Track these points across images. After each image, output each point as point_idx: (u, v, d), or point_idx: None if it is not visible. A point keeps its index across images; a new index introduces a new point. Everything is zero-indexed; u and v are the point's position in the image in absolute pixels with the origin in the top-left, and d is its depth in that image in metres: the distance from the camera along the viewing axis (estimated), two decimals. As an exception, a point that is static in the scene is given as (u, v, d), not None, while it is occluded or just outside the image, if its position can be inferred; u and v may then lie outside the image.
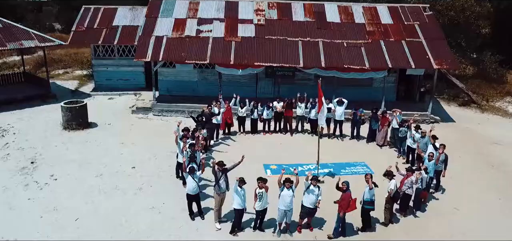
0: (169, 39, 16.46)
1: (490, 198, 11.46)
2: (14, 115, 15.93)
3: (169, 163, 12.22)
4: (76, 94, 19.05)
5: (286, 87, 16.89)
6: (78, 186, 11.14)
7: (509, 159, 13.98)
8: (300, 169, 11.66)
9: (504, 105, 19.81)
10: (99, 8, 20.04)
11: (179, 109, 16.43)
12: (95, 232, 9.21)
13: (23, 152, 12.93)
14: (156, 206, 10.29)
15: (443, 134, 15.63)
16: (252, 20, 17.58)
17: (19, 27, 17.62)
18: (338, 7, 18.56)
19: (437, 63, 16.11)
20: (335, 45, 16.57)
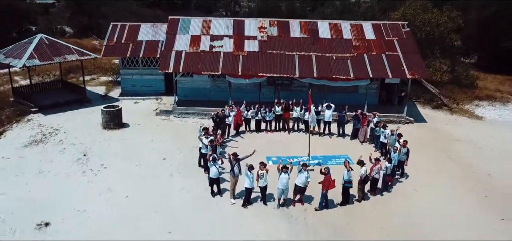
0: (187, 53, 19.73)
1: (444, 182, 14.69)
2: (60, 117, 19.23)
3: (192, 155, 15.46)
4: (106, 98, 22.36)
5: (284, 93, 20.13)
6: (123, 173, 14.42)
7: (465, 153, 17.22)
8: (295, 160, 14.89)
9: (472, 108, 23.04)
10: (125, 25, 23.31)
11: (195, 112, 19.71)
12: (141, 206, 12.48)
13: (75, 147, 16.23)
14: (185, 187, 13.57)
15: (415, 133, 19.01)
16: (256, 37, 20.85)
17: (62, 44, 20.94)
18: (329, 24, 21.82)
19: (410, 73, 19.35)
20: (326, 58, 19.82)
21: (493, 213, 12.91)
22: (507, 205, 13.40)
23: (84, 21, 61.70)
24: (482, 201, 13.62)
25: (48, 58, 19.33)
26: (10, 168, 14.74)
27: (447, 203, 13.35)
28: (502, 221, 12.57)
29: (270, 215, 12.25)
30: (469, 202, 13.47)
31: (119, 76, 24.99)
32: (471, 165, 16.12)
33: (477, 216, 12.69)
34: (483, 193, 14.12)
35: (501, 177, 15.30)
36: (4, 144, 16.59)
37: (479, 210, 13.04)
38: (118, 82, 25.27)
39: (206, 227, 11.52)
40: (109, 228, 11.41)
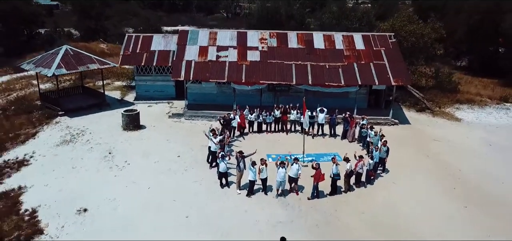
0: (196, 63, 22.17)
1: (419, 177, 17.11)
2: (84, 120, 21.67)
3: (202, 153, 17.87)
4: (123, 103, 24.80)
5: (283, 98, 22.53)
6: (144, 168, 16.86)
7: (441, 152, 19.63)
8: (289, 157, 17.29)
9: (452, 111, 25.45)
10: (139, 36, 25.75)
11: (204, 115, 22.14)
12: (161, 196, 14.91)
13: (101, 146, 18.67)
14: (197, 180, 16.01)
15: (398, 133, 21.46)
16: (258, 47, 23.28)
17: (84, 54, 23.38)
18: (323, 35, 24.24)
19: (394, 80, 21.78)
20: (320, 67, 22.25)
21: (458, 201, 15.35)
22: (471, 196, 15.83)
23: (90, 24, 63.66)
24: (451, 192, 16.04)
25: (73, 67, 21.77)
26: (47, 164, 17.21)
27: (420, 194, 15.77)
28: (465, 208, 15.00)
29: (270, 203, 14.69)
30: (439, 193, 15.90)
31: (132, 81, 27.40)
32: (445, 162, 18.55)
33: (444, 204, 15.11)
34: (452, 186, 16.54)
35: (469, 172, 17.73)
36: (39, 144, 19.04)
37: (446, 200, 15.47)
38: (132, 86, 27.69)
39: (216, 213, 13.95)
40: (136, 214, 13.86)
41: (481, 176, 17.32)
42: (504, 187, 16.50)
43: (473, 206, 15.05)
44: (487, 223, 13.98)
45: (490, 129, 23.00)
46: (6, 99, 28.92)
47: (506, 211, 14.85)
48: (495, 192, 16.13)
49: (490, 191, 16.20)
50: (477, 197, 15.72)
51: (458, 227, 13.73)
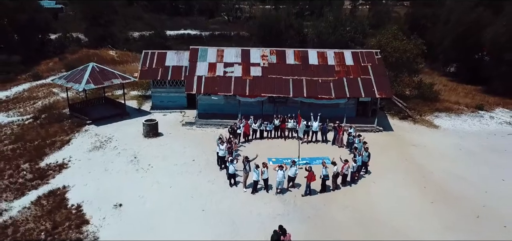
0: (206, 78, 25.44)
1: (396, 177, 20.33)
2: (110, 128, 24.95)
3: (213, 157, 21.05)
4: (140, 112, 28.06)
5: (281, 108, 25.76)
6: (165, 170, 20.12)
7: (417, 156, 22.85)
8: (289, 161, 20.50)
9: (432, 119, 28.70)
10: (154, 52, 28.97)
11: (213, 123, 25.39)
12: (181, 193, 18.16)
13: (127, 151, 21.94)
14: (210, 180, 19.26)
15: (381, 139, 24.71)
16: (260, 64, 26.54)
17: (109, 70, 26.65)
18: (317, 52, 27.49)
19: (379, 93, 25.04)
20: (313, 81, 25.50)
21: (427, 198, 18.60)
22: (439, 193, 19.06)
23: (99, 31, 66.55)
24: (421, 191, 19.27)
25: (99, 82, 25.03)
26: (83, 167, 20.50)
27: (395, 191, 19.01)
28: (431, 203, 18.25)
29: (271, 199, 17.95)
30: (411, 191, 19.13)
31: (147, 91, 30.65)
32: (420, 165, 21.80)
33: (415, 201, 18.35)
34: (423, 185, 19.79)
35: (440, 173, 20.97)
36: (73, 149, 22.33)
37: (417, 197, 18.71)
38: (147, 96, 30.94)
39: (227, 207, 17.22)
40: (161, 208, 17.13)
41: (448, 177, 20.56)
42: (466, 185, 19.75)
43: (438, 202, 18.30)
44: (448, 215, 17.24)
45: (463, 135, 26.26)
46: (33, 107, 32.30)
47: (465, 205, 18.08)
48: (458, 190, 19.37)
49: (454, 189, 19.45)
50: (443, 194, 18.96)
51: (424, 219, 16.97)
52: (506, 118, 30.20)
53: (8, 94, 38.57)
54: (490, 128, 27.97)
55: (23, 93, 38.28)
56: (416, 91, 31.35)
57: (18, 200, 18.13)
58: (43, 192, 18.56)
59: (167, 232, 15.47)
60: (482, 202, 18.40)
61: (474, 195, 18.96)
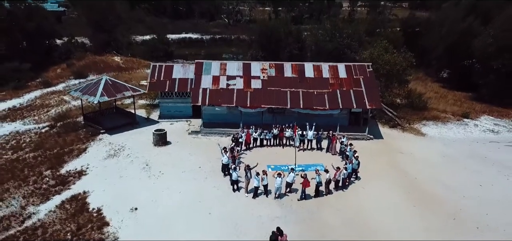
0: (210, 90, 27.58)
1: (383, 183, 22.46)
2: (122, 137, 27.09)
3: (218, 165, 23.19)
4: (149, 121, 30.20)
5: (280, 118, 27.85)
6: (174, 176, 22.26)
7: (403, 162, 24.99)
8: (288, 168, 22.54)
9: (419, 127, 30.85)
10: (162, 66, 31.07)
11: (216, 132, 27.52)
12: (189, 198, 20.30)
13: (139, 159, 24.09)
14: (215, 186, 21.41)
15: (371, 147, 26.84)
16: (260, 77, 28.68)
17: (121, 83, 28.78)
18: (313, 66, 29.61)
19: (369, 104, 27.20)
20: (309, 93, 27.65)
21: (410, 202, 20.75)
22: (421, 198, 21.19)
23: (104, 37, 68.44)
24: (406, 195, 21.39)
25: (112, 95, 27.19)
26: (100, 174, 22.66)
27: (382, 196, 21.15)
28: (414, 207, 20.41)
29: (269, 203, 20.11)
30: (396, 195, 21.28)
31: (154, 101, 32.81)
32: (405, 171, 23.95)
33: (399, 204, 20.50)
34: (408, 190, 21.93)
35: (423, 179, 23.12)
36: (90, 157, 24.49)
37: (401, 200, 20.85)
38: (154, 105, 33.07)
39: (231, 210, 19.37)
40: (173, 211, 19.28)
41: (431, 182, 22.71)
42: (446, 190, 21.91)
43: (420, 206, 20.44)
44: (427, 217, 19.39)
45: (447, 143, 28.42)
46: (47, 115, 34.44)
47: (444, 209, 20.24)
48: (439, 194, 21.53)
49: (435, 193, 21.61)
50: (424, 198, 21.11)
51: (406, 221, 19.13)
52: (489, 125, 32.37)
53: (21, 101, 40.67)
54: (473, 136, 30.14)
55: (35, 101, 40.38)
56: (406, 100, 33.48)
57: (44, 204, 20.28)
58: (66, 197, 20.72)
59: (179, 233, 17.63)
60: (460, 206, 20.57)
61: (453, 199, 21.12)
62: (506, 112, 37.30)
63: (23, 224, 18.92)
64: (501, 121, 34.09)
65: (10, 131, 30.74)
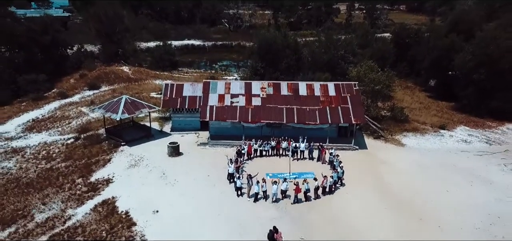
0: (216, 108, 31.71)
1: (364, 189, 26.53)
2: (140, 148, 31.20)
3: (224, 173, 27.30)
4: (163, 133, 34.31)
5: (277, 131, 31.96)
6: (188, 184, 26.37)
7: (383, 171, 29.06)
8: (282, 177, 26.60)
9: (400, 138, 34.94)
10: (173, 85, 35.18)
11: (222, 143, 31.62)
12: (201, 202, 24.42)
13: (156, 168, 28.21)
14: (223, 192, 25.53)
15: (356, 157, 30.94)
16: (259, 95, 32.78)
17: (138, 101, 32.90)
18: (306, 84, 33.71)
19: (354, 120, 31.32)
20: (303, 110, 31.76)
21: (383, 204, 24.85)
22: (394, 202, 25.28)
23: (113, 48, 72.33)
24: (381, 199, 25.49)
25: (131, 112, 31.32)
26: (124, 181, 26.78)
27: (362, 200, 25.24)
28: (385, 209, 24.50)
29: (268, 206, 24.21)
30: (373, 200, 25.37)
31: (166, 113, 36.95)
32: (383, 178, 28.05)
33: (375, 207, 24.59)
34: (383, 195, 26.03)
35: (398, 185, 27.21)
36: (114, 167, 28.61)
37: (377, 204, 24.94)
38: (166, 118, 37.18)
39: (235, 212, 23.47)
40: (188, 213, 23.38)
41: (404, 188, 26.81)
42: (416, 195, 25.99)
43: (392, 208, 24.54)
44: (397, 218, 23.48)
45: (423, 153, 32.52)
46: (69, 127, 38.57)
47: (413, 211, 24.32)
48: (410, 198, 25.62)
49: (406, 197, 25.70)
50: (396, 202, 25.21)
51: (380, 220, 23.21)
52: (463, 136, 36.48)
53: (42, 112, 44.79)
54: (448, 146, 34.25)
55: (55, 112, 44.48)
56: (390, 113, 37.60)
57: (80, 208, 24.41)
58: (97, 201, 24.85)
59: (194, 231, 21.76)
60: (427, 208, 24.69)
61: (422, 203, 25.24)
62: (481, 122, 41.46)
63: (65, 224, 23.04)
64: (475, 132, 38.21)
65: (38, 142, 34.90)
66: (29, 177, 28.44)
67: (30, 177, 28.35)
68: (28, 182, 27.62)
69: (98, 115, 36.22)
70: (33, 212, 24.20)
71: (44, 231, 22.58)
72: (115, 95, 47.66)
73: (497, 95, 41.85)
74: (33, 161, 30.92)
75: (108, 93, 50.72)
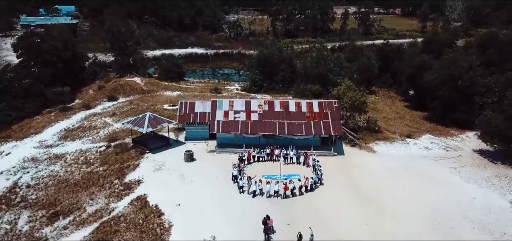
0: (222, 122, 39.36)
1: (338, 188, 34.16)
2: (161, 156, 38.81)
3: (229, 175, 34.84)
4: (178, 142, 41.93)
5: (271, 141, 39.58)
6: (201, 184, 33.99)
7: (354, 173, 36.65)
8: (274, 179, 34.15)
9: (373, 146, 42.57)
10: (187, 102, 42.77)
11: (228, 151, 39.22)
12: (214, 197, 32.05)
13: (176, 171, 35.84)
14: (228, 190, 33.17)
15: (334, 161, 38.60)
16: (257, 111, 40.41)
17: (159, 117, 40.49)
18: (295, 102, 41.35)
19: (333, 132, 38.96)
20: (292, 124, 39.41)
21: (352, 198, 32.49)
22: (361, 197, 32.90)
23: (125, 60, 79.56)
24: (351, 195, 33.12)
25: (154, 126, 38.95)
26: (152, 182, 34.40)
27: (335, 195, 32.87)
28: (354, 203, 32.13)
29: (264, 201, 31.83)
30: (345, 196, 32.96)
31: (180, 125, 44.60)
32: (354, 180, 35.64)
33: (345, 200, 32.22)
34: (353, 192, 33.64)
35: (366, 184, 34.81)
36: (142, 171, 36.21)
37: (347, 198, 32.57)
38: (180, 128, 44.78)
39: (238, 205, 31.09)
40: (204, 205, 30.97)
41: (372, 186, 34.38)
42: (380, 192, 33.55)
43: (359, 201, 32.17)
44: (363, 210, 31.07)
45: (390, 158, 40.14)
46: (98, 136, 46.17)
47: (376, 205, 31.89)
48: (374, 195, 33.19)
49: (372, 195, 33.29)
50: (364, 198, 32.80)
51: (349, 213, 30.80)
52: (426, 144, 44.16)
53: (71, 122, 52.35)
54: (411, 152, 41.90)
55: (83, 122, 52.05)
56: (365, 124, 45.26)
57: (120, 202, 32.03)
58: (132, 197, 32.47)
59: (209, 218, 29.37)
60: (386, 201, 32.31)
61: (382, 197, 32.86)
62: (446, 131, 49.18)
63: (110, 214, 30.66)
64: (437, 139, 45.90)
65: (75, 149, 42.55)
66: (75, 178, 36.10)
67: (76, 179, 36.02)
68: (76, 183, 35.29)
69: (123, 126, 43.75)
70: (84, 205, 31.85)
71: (95, 219, 30.26)
72: (132, 107, 55.59)
73: (459, 108, 49.48)
74: (75, 166, 38.57)
75: (125, 104, 58.39)
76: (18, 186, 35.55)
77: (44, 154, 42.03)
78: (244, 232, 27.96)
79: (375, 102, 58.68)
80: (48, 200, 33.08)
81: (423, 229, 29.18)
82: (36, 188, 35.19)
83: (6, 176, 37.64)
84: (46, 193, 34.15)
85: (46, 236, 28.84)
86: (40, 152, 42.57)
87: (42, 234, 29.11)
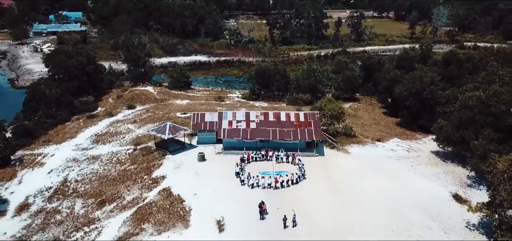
0: (227, 129, 49.47)
1: (319, 182, 44.25)
2: (179, 157, 48.85)
3: (233, 172, 44.88)
4: (192, 146, 52.01)
5: (266, 145, 49.61)
6: (212, 179, 44.09)
7: (332, 170, 46.71)
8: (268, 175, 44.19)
9: (348, 148, 52.61)
10: (198, 113, 52.82)
11: (232, 153, 49.25)
12: (222, 190, 42.21)
13: (192, 169, 45.93)
14: (233, 183, 43.26)
15: (316, 161, 48.88)
16: (255, 120, 50.52)
17: (177, 126, 50.55)
18: (285, 113, 51.46)
19: (315, 137, 49.06)
20: (282, 131, 49.50)
21: (328, 190, 42.60)
22: (336, 189, 42.98)
23: (138, 71, 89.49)
24: (327, 187, 43.22)
25: (173, 133, 49.02)
26: (173, 178, 44.50)
27: (315, 188, 42.96)
28: (329, 195, 42.27)
29: (259, 191, 41.89)
30: (324, 189, 42.99)
31: (194, 131, 54.67)
32: (331, 176, 45.69)
33: (323, 191, 42.34)
34: (331, 186, 43.71)
35: (340, 179, 44.88)
36: (165, 169, 46.28)
37: (325, 190, 42.67)
38: (192, 134, 54.85)
39: (240, 194, 41.18)
40: (215, 195, 41.10)
41: (344, 181, 44.41)
42: (350, 186, 43.58)
43: (334, 192, 42.26)
44: (336, 200, 41.17)
45: (361, 158, 50.17)
46: (124, 140, 56.27)
47: (346, 196, 41.95)
48: (345, 189, 43.24)
49: (343, 188, 43.36)
50: (338, 189, 42.88)
51: (324, 199, 40.91)
52: (392, 146, 54.26)
53: (99, 128, 62.47)
54: (379, 153, 51.96)
55: (109, 128, 62.17)
56: (343, 130, 55.39)
57: (150, 192, 42.13)
58: (159, 189, 42.55)
59: (219, 204, 39.45)
60: (355, 193, 42.35)
61: (353, 190, 42.90)
62: (412, 135, 59.34)
63: (144, 201, 40.77)
64: (402, 142, 56.01)
65: (107, 152, 52.67)
66: (112, 175, 46.23)
67: (113, 175, 46.14)
68: (114, 178, 45.41)
69: (148, 133, 53.87)
70: (123, 195, 41.99)
71: (133, 205, 40.38)
72: (150, 115, 65.70)
73: (423, 116, 59.58)
74: (111, 165, 48.70)
75: (143, 112, 68.54)
76: (68, 181, 45.67)
77: (82, 156, 52.15)
78: (245, 213, 38.05)
79: (356, 109, 68.78)
80: (94, 191, 43.20)
81: (380, 213, 39.28)
82: (82, 182, 45.32)
83: (56, 173, 47.80)
84: (91, 186, 44.28)
85: (99, 217, 38.96)
86: (79, 154, 52.70)
87: (95, 216, 39.23)
